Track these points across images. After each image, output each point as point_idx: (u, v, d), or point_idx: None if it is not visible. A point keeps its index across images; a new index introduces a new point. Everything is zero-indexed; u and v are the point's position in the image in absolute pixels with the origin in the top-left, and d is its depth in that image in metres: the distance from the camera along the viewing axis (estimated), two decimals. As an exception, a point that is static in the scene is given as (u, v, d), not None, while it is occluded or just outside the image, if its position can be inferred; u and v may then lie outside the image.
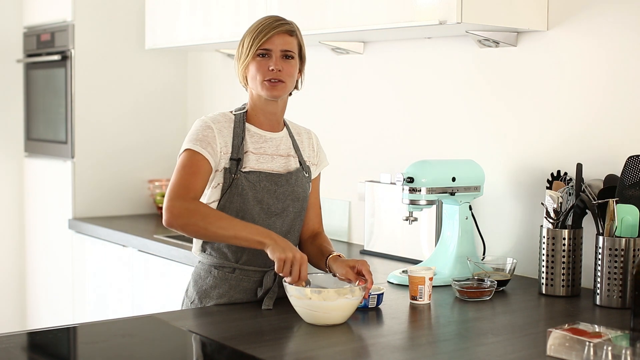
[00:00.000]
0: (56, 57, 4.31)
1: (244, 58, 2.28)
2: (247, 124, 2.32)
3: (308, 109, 3.74)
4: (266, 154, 2.32)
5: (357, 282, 2.17)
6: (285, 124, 2.42)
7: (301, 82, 2.39)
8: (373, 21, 2.85)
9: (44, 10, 4.48)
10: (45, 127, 4.52)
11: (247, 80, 2.32)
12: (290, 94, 2.39)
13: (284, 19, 2.31)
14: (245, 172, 2.26)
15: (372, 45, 3.40)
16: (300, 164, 2.38)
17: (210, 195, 2.28)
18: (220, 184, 2.26)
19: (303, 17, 3.13)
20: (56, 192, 4.43)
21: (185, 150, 2.25)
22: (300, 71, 2.36)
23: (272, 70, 2.25)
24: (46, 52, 4.44)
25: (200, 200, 2.25)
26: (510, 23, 2.70)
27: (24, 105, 4.72)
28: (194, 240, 2.33)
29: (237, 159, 2.26)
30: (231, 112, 2.35)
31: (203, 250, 2.33)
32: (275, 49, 2.26)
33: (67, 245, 4.35)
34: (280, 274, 2.13)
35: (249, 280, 2.29)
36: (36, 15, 4.57)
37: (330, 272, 2.26)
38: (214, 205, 2.27)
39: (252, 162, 2.28)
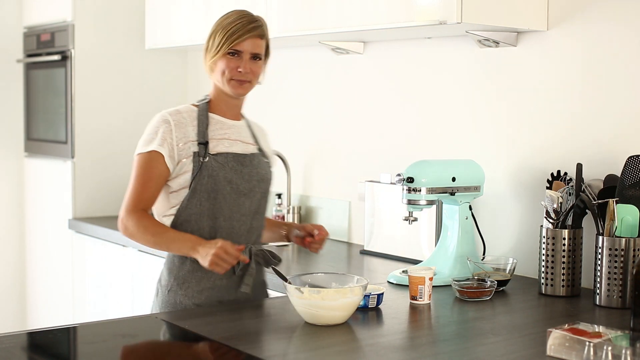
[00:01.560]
0: (56, 57, 4.31)
1: (214, 53, 2.39)
2: (210, 113, 2.43)
3: (308, 108, 3.74)
4: (229, 139, 2.42)
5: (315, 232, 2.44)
6: (243, 116, 2.54)
7: (263, 76, 2.49)
8: (373, 21, 2.85)
9: (44, 10, 4.48)
10: (45, 127, 4.52)
11: (212, 72, 2.44)
12: None
13: (255, 19, 2.42)
14: (213, 154, 2.36)
15: (372, 45, 3.40)
16: (260, 150, 2.50)
17: (181, 182, 2.34)
18: (190, 170, 2.33)
19: (303, 17, 3.13)
20: (56, 192, 4.43)
21: (139, 153, 2.35)
22: (263, 66, 2.48)
23: (241, 71, 2.37)
24: (46, 52, 4.44)
25: (170, 187, 2.36)
26: (510, 23, 2.70)
27: (24, 105, 4.72)
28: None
29: (204, 143, 2.35)
30: (193, 104, 2.46)
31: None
32: (246, 51, 2.37)
33: (67, 245, 4.35)
34: (222, 272, 2.25)
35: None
36: (36, 15, 4.57)
37: (286, 234, 2.53)
38: (185, 192, 2.34)
39: (216, 146, 2.38)
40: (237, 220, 2.36)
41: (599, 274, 2.38)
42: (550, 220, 2.52)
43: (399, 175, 2.63)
